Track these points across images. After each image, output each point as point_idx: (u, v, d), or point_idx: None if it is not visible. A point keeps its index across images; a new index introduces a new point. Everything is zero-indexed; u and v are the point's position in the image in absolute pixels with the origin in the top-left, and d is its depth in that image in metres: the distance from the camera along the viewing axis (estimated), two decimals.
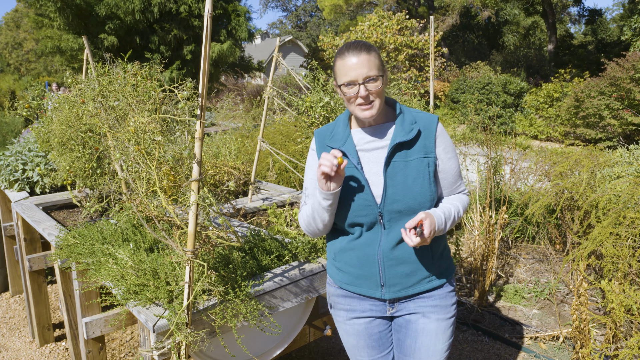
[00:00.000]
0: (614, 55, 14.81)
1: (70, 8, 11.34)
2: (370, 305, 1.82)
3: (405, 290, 1.75)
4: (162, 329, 1.72)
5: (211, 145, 4.66)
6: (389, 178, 1.67)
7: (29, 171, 3.70)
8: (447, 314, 1.81)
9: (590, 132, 11.30)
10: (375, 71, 1.62)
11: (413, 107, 2.97)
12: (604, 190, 3.38)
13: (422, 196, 1.67)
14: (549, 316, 3.79)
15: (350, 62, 1.62)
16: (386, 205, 1.67)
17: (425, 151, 1.69)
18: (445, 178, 1.76)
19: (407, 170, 1.67)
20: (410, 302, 1.79)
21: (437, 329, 1.79)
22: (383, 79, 1.65)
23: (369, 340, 1.87)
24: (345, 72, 1.63)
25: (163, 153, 1.73)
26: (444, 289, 1.81)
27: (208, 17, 1.54)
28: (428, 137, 1.70)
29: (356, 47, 1.64)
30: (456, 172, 1.77)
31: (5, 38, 35.32)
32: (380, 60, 1.66)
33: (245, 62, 15.29)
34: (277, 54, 3.28)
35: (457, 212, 1.75)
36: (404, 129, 1.69)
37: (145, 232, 2.33)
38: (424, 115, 1.75)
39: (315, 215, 1.72)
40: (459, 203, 1.78)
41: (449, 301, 1.81)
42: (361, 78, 1.61)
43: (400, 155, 1.69)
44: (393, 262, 1.71)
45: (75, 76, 2.79)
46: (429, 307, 1.78)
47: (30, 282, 3.56)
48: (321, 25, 44.69)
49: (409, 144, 1.69)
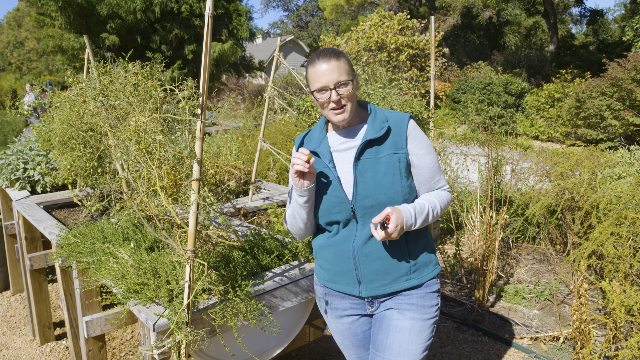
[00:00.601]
0: (616, 55, 14.79)
1: (72, 7, 11.35)
2: (350, 303, 1.86)
3: (382, 288, 1.77)
4: (162, 328, 1.73)
5: (212, 145, 4.66)
6: (359, 174, 1.73)
7: (30, 170, 3.70)
8: (425, 314, 1.79)
9: (592, 132, 11.29)
10: (345, 76, 1.70)
11: (414, 107, 2.97)
12: (604, 191, 3.38)
13: (392, 191, 1.71)
14: (549, 317, 3.79)
15: (321, 68, 1.70)
16: (358, 201, 1.72)
17: (396, 147, 1.74)
18: (421, 174, 1.78)
19: (377, 166, 1.72)
20: (389, 301, 1.81)
21: (411, 327, 1.77)
22: (353, 83, 1.73)
23: (353, 339, 1.92)
24: (316, 79, 1.70)
25: (164, 152, 1.73)
26: (423, 288, 1.80)
27: (209, 17, 1.54)
28: (399, 134, 1.75)
29: (326, 54, 1.72)
30: (432, 167, 1.79)
31: (6, 37, 35.37)
32: (349, 66, 1.73)
33: (246, 61, 15.30)
34: (278, 53, 3.28)
35: (433, 208, 1.75)
36: (374, 127, 1.75)
37: (146, 231, 2.33)
38: (395, 114, 1.82)
39: (295, 214, 1.81)
40: (436, 199, 1.78)
41: (428, 302, 1.80)
42: (332, 83, 1.68)
43: (371, 152, 1.74)
44: (367, 258, 1.75)
45: (76, 75, 2.79)
46: (405, 304, 1.79)
47: (31, 281, 3.57)
48: (322, 25, 44.68)
49: (379, 141, 1.75)
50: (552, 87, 13.64)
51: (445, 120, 15.15)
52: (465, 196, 5.33)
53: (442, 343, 3.51)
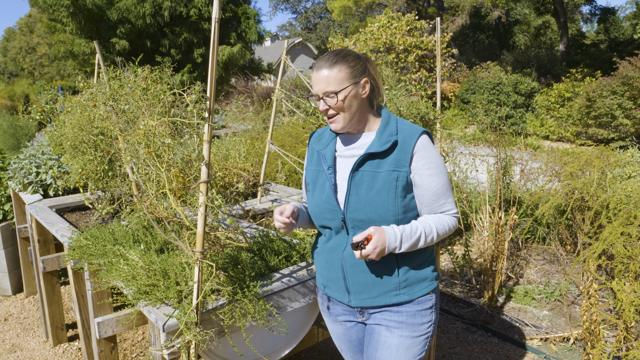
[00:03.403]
0: (627, 54, 14.65)
1: (83, 13, 11.50)
2: (342, 309, 1.86)
3: (370, 300, 1.74)
4: (171, 328, 1.75)
5: (221, 148, 4.70)
6: (353, 186, 1.68)
7: (43, 174, 3.76)
8: (414, 332, 1.74)
9: (603, 132, 11.19)
10: (334, 86, 1.62)
11: (420, 108, 2.98)
12: (614, 191, 3.36)
13: (383, 209, 1.64)
14: (559, 317, 3.77)
15: (314, 76, 1.67)
16: (348, 213, 1.68)
17: (397, 165, 1.64)
18: (423, 195, 1.68)
19: (374, 181, 1.65)
20: (378, 314, 1.77)
21: (399, 345, 1.73)
22: (344, 93, 1.63)
23: (349, 345, 1.92)
24: (312, 85, 1.69)
25: (172, 155, 1.76)
26: (414, 305, 1.73)
27: (215, 21, 1.57)
28: (404, 150, 1.65)
29: (322, 60, 1.66)
30: (438, 190, 1.67)
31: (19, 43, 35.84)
32: (346, 73, 1.63)
33: (255, 64, 15.37)
34: (285, 56, 3.30)
35: (428, 232, 1.65)
36: (380, 140, 1.68)
37: (156, 233, 2.37)
38: (408, 128, 1.70)
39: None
40: (435, 223, 1.67)
41: (419, 320, 1.74)
42: (320, 93, 1.65)
43: (372, 164, 1.67)
44: (355, 269, 1.72)
45: (87, 80, 2.84)
46: (394, 322, 1.74)
47: (44, 283, 3.62)
48: (331, 27, 44.73)
49: (382, 155, 1.66)
50: (562, 86, 13.54)
51: (455, 121, 15.09)
52: (474, 197, 5.32)
53: (451, 344, 3.51)
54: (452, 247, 5.15)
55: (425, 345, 1.78)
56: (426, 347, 1.79)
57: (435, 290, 1.80)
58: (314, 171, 1.83)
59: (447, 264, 4.85)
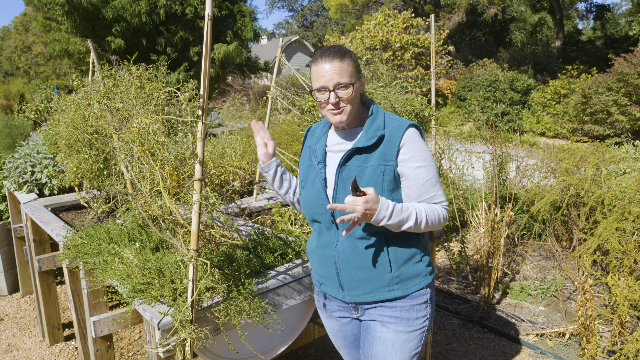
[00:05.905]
0: (622, 51, 14.68)
1: (78, 11, 11.44)
2: (337, 306, 1.87)
3: (364, 296, 1.75)
4: (167, 326, 1.75)
5: (217, 146, 4.69)
6: (340, 181, 1.70)
7: (38, 173, 3.75)
8: (409, 327, 1.75)
9: (598, 128, 11.22)
10: (347, 78, 1.64)
11: (415, 105, 2.98)
12: (609, 187, 3.37)
13: None
14: (555, 313, 3.79)
15: (322, 68, 1.65)
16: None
17: (383, 159, 1.65)
18: (411, 187, 1.68)
19: (361, 176, 1.66)
20: (373, 309, 1.78)
21: (394, 340, 1.75)
22: (354, 86, 1.66)
23: (344, 341, 1.94)
24: (317, 78, 1.66)
25: (167, 153, 1.76)
26: (408, 300, 1.74)
27: (208, 19, 1.57)
28: (390, 144, 1.66)
29: (329, 53, 1.66)
30: (426, 182, 1.67)
31: (14, 42, 35.71)
32: (354, 67, 1.66)
33: (251, 62, 15.33)
34: (281, 54, 3.30)
35: (418, 214, 1.63)
36: (367, 135, 1.69)
37: (151, 232, 2.36)
38: (395, 122, 1.71)
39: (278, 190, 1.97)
40: (425, 209, 1.66)
41: (414, 314, 1.75)
42: (331, 85, 1.64)
43: (359, 159, 1.68)
44: (347, 266, 1.73)
45: (81, 79, 2.83)
46: (388, 317, 1.75)
47: (40, 283, 3.62)
48: (327, 25, 44.68)
49: (369, 149, 1.68)
50: (558, 83, 13.57)
51: (451, 118, 15.12)
52: (471, 194, 5.33)
53: (447, 340, 3.52)
54: (449, 244, 5.16)
55: (421, 340, 1.79)
56: (422, 342, 1.79)
57: (430, 285, 1.80)
58: (306, 166, 1.85)
59: (443, 260, 4.87)
